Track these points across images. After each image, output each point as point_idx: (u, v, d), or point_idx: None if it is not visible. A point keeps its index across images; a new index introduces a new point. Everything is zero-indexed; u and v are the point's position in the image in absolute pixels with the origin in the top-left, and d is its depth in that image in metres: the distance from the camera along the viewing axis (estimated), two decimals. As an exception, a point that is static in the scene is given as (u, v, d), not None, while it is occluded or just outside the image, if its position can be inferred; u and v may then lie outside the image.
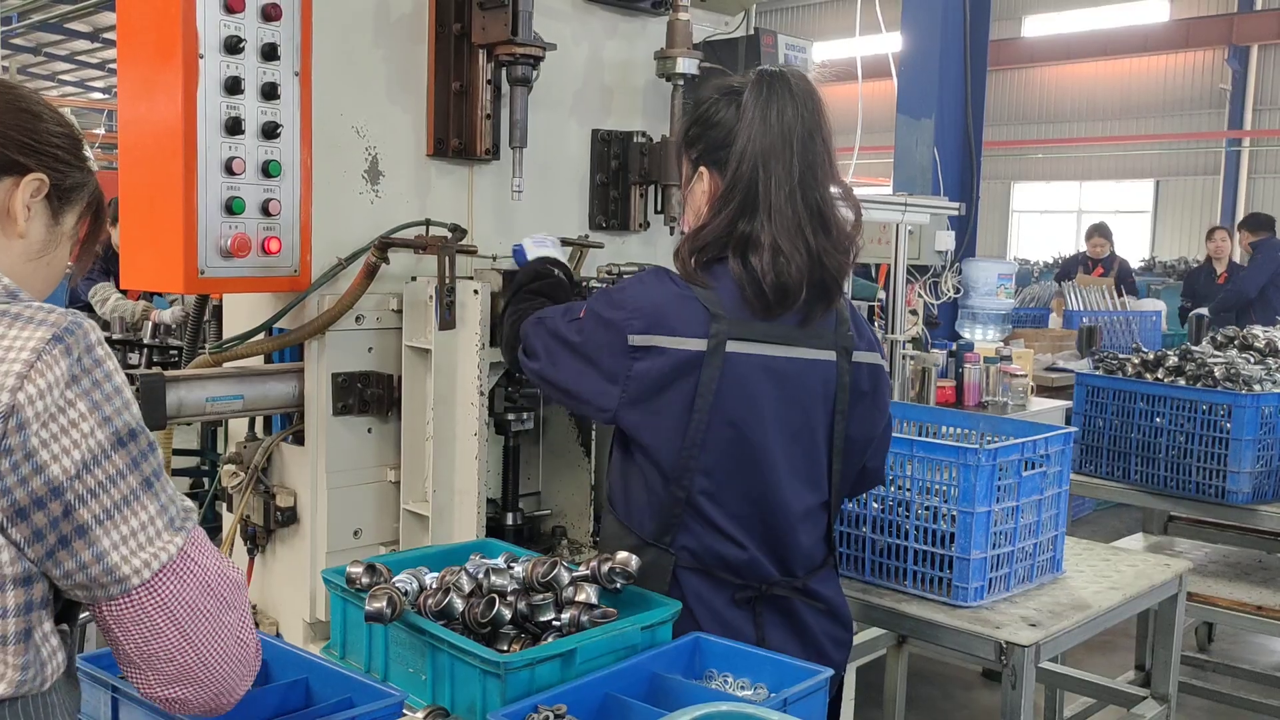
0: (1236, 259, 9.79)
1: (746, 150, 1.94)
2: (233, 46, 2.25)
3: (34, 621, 1.24)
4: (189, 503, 1.33)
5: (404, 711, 1.58)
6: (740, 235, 1.95)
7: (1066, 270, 9.83)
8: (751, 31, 3.28)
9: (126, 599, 1.25)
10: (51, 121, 1.39)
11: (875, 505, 2.60)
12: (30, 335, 1.21)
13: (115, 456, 1.23)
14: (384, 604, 1.65)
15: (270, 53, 2.31)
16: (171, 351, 5.25)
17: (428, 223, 2.54)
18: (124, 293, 5.84)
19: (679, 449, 1.94)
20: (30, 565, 1.22)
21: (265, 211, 2.35)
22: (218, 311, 2.86)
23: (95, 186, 1.47)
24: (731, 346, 1.94)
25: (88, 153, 1.45)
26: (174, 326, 5.39)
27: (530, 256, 2.44)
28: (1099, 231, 9.89)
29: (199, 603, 1.28)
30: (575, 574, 1.77)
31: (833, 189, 1.99)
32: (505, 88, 2.62)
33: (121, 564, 1.24)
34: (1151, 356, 3.91)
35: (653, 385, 1.94)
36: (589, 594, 1.73)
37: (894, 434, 2.29)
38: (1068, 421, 4.46)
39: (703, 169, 2.05)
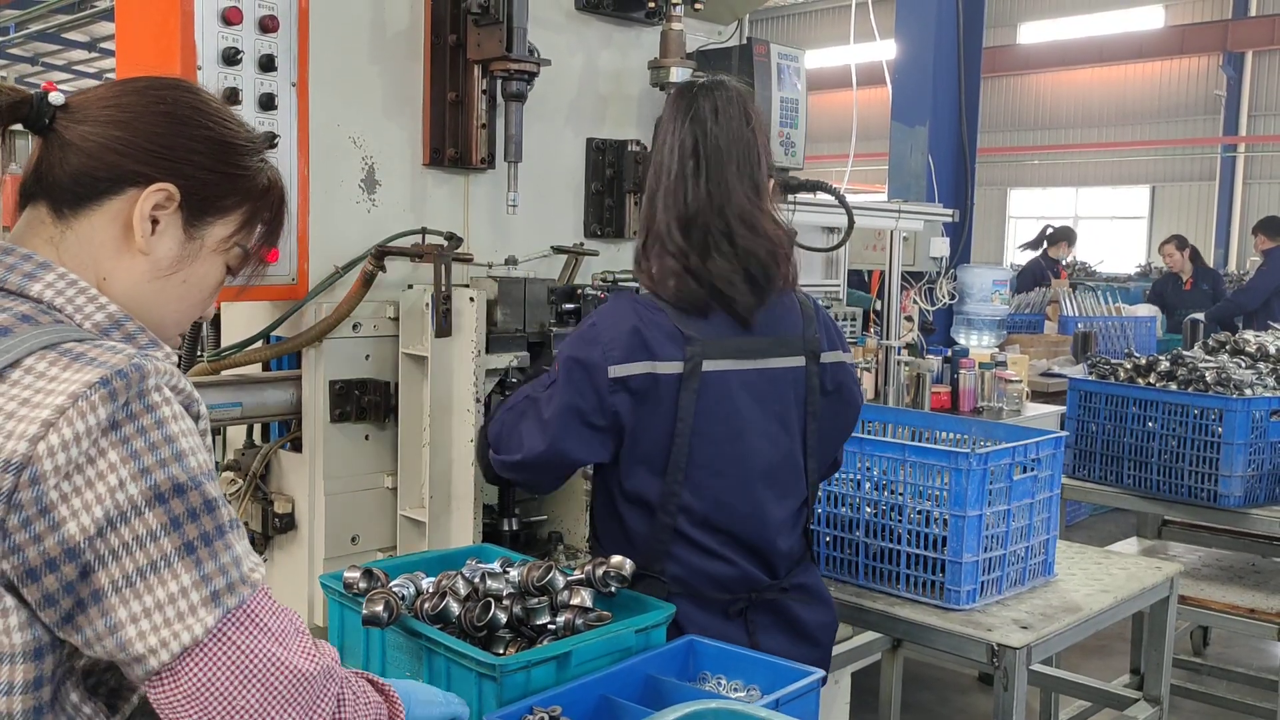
0: (1248, 262, 9.68)
1: (659, 162, 1.99)
2: (230, 58, 2.27)
3: (44, 698, 1.10)
4: (254, 570, 1.13)
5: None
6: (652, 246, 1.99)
7: (1036, 278, 9.38)
8: (744, 41, 3.30)
9: (154, 683, 1.09)
10: (197, 125, 1.27)
11: (868, 510, 2.62)
12: (74, 378, 1.07)
13: (148, 514, 1.07)
14: (381, 608, 1.67)
15: (268, 64, 2.33)
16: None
17: (424, 231, 2.56)
18: None
19: (662, 475, 1.95)
20: (42, 634, 1.09)
21: (263, 221, 2.37)
22: (216, 320, 2.88)
23: (261, 190, 1.34)
24: (707, 366, 1.94)
25: (247, 157, 1.32)
26: None
27: None
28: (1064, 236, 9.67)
29: (236, 696, 1.08)
30: (570, 578, 1.79)
31: (761, 204, 2.01)
32: (500, 97, 2.64)
33: (136, 641, 1.07)
34: (1144, 361, 3.93)
35: (631, 411, 1.94)
36: (584, 597, 1.75)
37: (888, 439, 2.31)
38: (1062, 427, 4.48)
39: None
